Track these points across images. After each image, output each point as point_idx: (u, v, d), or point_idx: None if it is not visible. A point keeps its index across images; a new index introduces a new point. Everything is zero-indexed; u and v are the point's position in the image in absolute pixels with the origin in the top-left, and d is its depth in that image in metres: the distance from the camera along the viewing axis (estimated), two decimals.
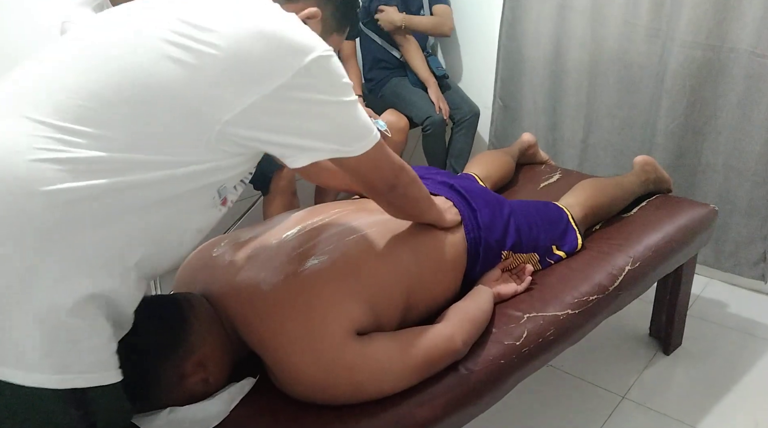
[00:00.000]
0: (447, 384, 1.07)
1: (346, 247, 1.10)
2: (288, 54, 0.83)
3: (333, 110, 0.88)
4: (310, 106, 0.85)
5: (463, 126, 2.52)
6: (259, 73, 0.81)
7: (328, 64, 0.87)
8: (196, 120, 0.81)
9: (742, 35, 1.89)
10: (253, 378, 1.04)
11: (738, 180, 2.00)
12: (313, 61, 0.84)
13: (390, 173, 1.02)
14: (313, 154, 0.89)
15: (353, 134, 0.92)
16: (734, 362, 1.79)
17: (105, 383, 0.80)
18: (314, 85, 0.85)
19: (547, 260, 1.43)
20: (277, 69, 0.82)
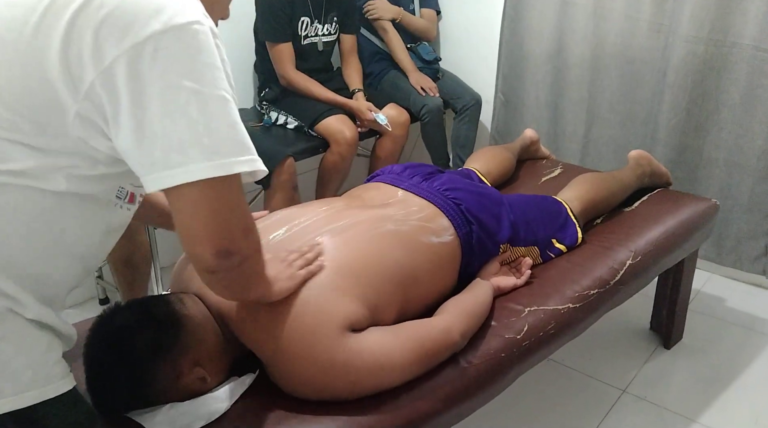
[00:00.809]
0: (447, 378, 1.07)
1: (339, 244, 1.09)
2: (138, 16, 0.68)
3: (193, 99, 0.68)
4: (164, 84, 0.67)
5: (466, 114, 2.52)
6: (106, 38, 0.67)
7: (195, 36, 0.69)
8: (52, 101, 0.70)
9: (744, 30, 1.88)
10: (254, 374, 1.05)
11: (740, 175, 1.99)
12: (172, 28, 0.68)
13: (236, 229, 0.74)
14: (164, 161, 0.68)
15: (216, 142, 0.69)
16: (735, 356, 1.79)
17: (51, 396, 0.77)
18: (172, 57, 0.67)
19: (548, 253, 1.43)
20: (124, 33, 0.67)
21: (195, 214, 0.71)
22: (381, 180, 1.41)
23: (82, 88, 0.69)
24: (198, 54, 0.69)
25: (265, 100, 2.35)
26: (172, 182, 0.69)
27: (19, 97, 0.71)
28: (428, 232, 1.23)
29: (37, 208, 0.75)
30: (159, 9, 0.68)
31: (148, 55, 0.67)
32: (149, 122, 0.68)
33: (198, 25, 0.70)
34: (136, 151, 0.70)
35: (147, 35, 0.67)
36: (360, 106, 2.24)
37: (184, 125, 0.68)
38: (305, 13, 2.22)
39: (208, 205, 0.70)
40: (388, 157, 2.34)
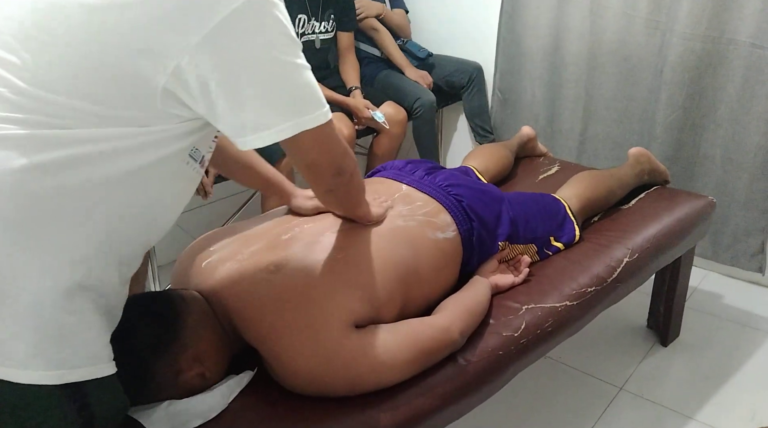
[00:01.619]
0: (446, 375, 1.07)
1: (343, 241, 1.10)
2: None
3: (279, 68, 0.77)
4: (250, 56, 0.75)
5: (473, 84, 2.55)
6: (185, 15, 0.72)
7: (272, 8, 0.76)
8: (137, 85, 0.75)
9: (741, 27, 1.88)
10: (252, 371, 1.05)
11: (736, 172, 2.00)
12: (254, 2, 0.74)
13: (339, 156, 0.92)
14: (263, 124, 0.78)
15: (300, 103, 0.81)
16: (732, 353, 1.79)
17: (99, 376, 0.80)
18: (254, 30, 0.74)
19: (546, 251, 1.43)
20: (209, 11, 0.72)
21: (308, 155, 0.88)
22: (384, 175, 1.41)
23: (170, 64, 0.73)
24: (275, 25, 0.77)
25: None
26: (282, 137, 0.80)
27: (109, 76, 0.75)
28: (433, 228, 1.23)
29: (126, 178, 0.79)
30: None
31: (232, 30, 0.73)
32: (240, 91, 0.76)
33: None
34: (228, 118, 0.78)
35: (230, 11, 0.72)
36: (357, 104, 2.24)
37: (278, 91, 0.78)
38: (302, 11, 2.22)
39: (315, 146, 0.87)
40: (385, 154, 2.33)
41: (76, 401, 0.79)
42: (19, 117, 0.74)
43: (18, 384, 0.75)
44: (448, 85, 2.58)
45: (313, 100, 0.83)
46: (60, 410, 0.78)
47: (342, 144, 0.92)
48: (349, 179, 0.97)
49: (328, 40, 2.34)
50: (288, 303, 0.99)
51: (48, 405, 0.77)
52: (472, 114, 2.60)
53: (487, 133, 2.61)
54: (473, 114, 2.60)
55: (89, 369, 0.79)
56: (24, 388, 0.75)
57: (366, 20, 2.46)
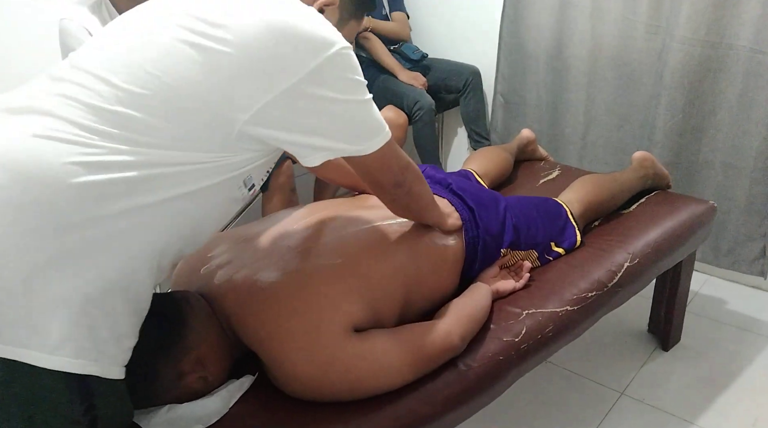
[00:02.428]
0: (446, 381, 1.07)
1: (344, 245, 1.10)
2: (302, 50, 0.81)
3: (347, 109, 0.88)
4: (325, 105, 0.85)
5: (469, 88, 2.56)
6: (273, 70, 0.81)
7: (344, 60, 0.86)
8: (217, 122, 0.81)
9: (740, 32, 1.89)
10: (252, 376, 1.04)
11: (737, 177, 2.00)
12: (329, 58, 0.83)
13: (397, 170, 1.02)
14: (325, 153, 0.89)
15: (365, 133, 0.92)
16: (733, 358, 1.79)
17: (112, 377, 0.81)
18: (330, 83, 0.84)
19: (546, 257, 1.43)
20: (291, 66, 0.81)
21: (379, 169, 1.00)
22: None
23: (253, 107, 0.81)
24: (348, 73, 0.87)
25: None
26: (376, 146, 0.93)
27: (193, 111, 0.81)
28: (436, 234, 1.23)
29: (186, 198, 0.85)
30: (321, 37, 0.83)
31: (314, 81, 0.82)
32: (315, 130, 0.87)
33: (346, 49, 0.86)
34: (303, 149, 0.89)
35: (316, 64, 0.82)
36: None
37: (343, 127, 0.89)
38: None
39: (384, 160, 0.98)
40: None
41: (85, 401, 0.79)
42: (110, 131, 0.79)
43: (38, 373, 0.75)
44: (445, 88, 2.58)
45: (376, 126, 0.93)
46: (69, 407, 0.78)
47: (402, 159, 1.03)
48: (409, 189, 1.07)
49: None
50: (287, 310, 0.99)
51: (59, 400, 0.78)
52: (468, 119, 2.60)
53: (482, 139, 2.61)
54: (469, 119, 2.60)
55: (106, 367, 0.80)
56: (41, 379, 0.76)
57: (360, 33, 2.48)
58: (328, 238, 1.11)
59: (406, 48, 2.58)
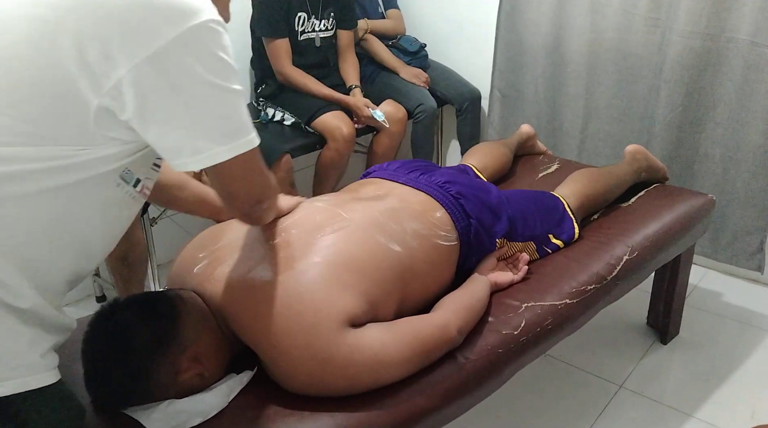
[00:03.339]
0: (445, 374, 1.07)
1: (339, 240, 1.09)
2: (160, 18, 0.73)
3: (213, 94, 0.77)
4: (186, 84, 0.75)
5: (467, 111, 2.55)
6: (126, 40, 0.72)
7: (212, 35, 0.77)
8: (71, 98, 0.73)
9: (740, 25, 1.88)
10: (252, 371, 1.05)
11: (736, 170, 2.00)
12: (192, 28, 0.74)
13: (260, 187, 0.92)
14: (198, 148, 0.78)
15: (232, 130, 0.81)
16: (731, 352, 1.80)
17: (34, 387, 0.77)
18: (193, 59, 0.75)
19: (545, 249, 1.43)
20: (147, 35, 0.73)
21: (233, 184, 0.87)
22: (378, 175, 1.40)
23: (107, 84, 0.73)
24: (217, 51, 0.77)
25: (262, 96, 2.34)
26: (209, 163, 0.81)
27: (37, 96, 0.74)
28: (429, 225, 1.23)
29: (50, 196, 0.78)
30: (186, 9, 0.74)
31: (174, 53, 0.74)
32: (177, 114, 0.76)
33: (216, 23, 0.77)
34: (165, 140, 0.79)
35: (176, 35, 0.73)
36: (357, 103, 2.24)
37: (210, 115, 0.78)
38: (302, 9, 2.21)
39: (242, 174, 0.86)
40: (385, 153, 2.33)
41: (8, 419, 0.75)
42: None
43: None
44: (443, 98, 2.57)
45: (246, 125, 0.83)
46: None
47: (265, 175, 0.92)
48: (267, 208, 0.99)
49: (328, 38, 2.34)
50: (282, 307, 0.98)
51: None
52: (463, 139, 2.60)
53: None
54: (463, 139, 2.60)
55: (22, 381, 0.76)
56: None
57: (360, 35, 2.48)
58: (316, 235, 1.10)
59: (404, 41, 2.57)
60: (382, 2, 2.62)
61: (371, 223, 1.15)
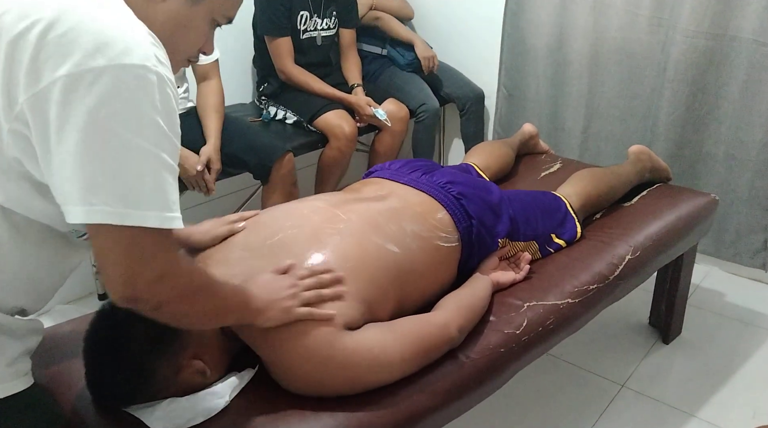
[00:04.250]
0: (446, 372, 1.07)
1: (335, 242, 1.09)
2: (93, 44, 0.66)
3: (111, 145, 0.66)
4: (91, 120, 0.65)
5: (471, 112, 2.54)
6: (45, 61, 0.66)
7: (139, 80, 0.67)
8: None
9: (744, 24, 1.88)
10: (253, 369, 1.05)
11: (739, 169, 1.99)
12: (115, 67, 0.66)
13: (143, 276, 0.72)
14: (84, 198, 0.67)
15: (146, 196, 0.68)
16: (733, 351, 1.79)
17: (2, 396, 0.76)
18: (107, 96, 0.66)
19: (547, 248, 1.43)
20: (73, 58, 0.66)
21: (104, 255, 0.71)
22: (379, 175, 1.40)
23: (15, 108, 0.68)
24: (134, 99, 0.67)
25: (264, 94, 2.34)
26: (82, 219, 0.68)
27: None
28: (428, 226, 1.22)
29: None
30: (108, 43, 0.67)
31: (83, 87, 0.66)
32: (68, 154, 0.66)
33: (143, 69, 0.67)
34: (54, 179, 0.69)
35: (88, 67, 0.66)
36: (359, 101, 2.23)
37: (98, 167, 0.67)
38: (304, 7, 2.21)
39: (115, 249, 0.70)
40: (387, 152, 2.33)
41: None
42: None
43: None
44: (447, 97, 2.56)
45: (158, 197, 0.69)
46: None
47: (158, 267, 0.72)
48: (155, 309, 0.77)
49: (330, 36, 2.33)
50: None
51: None
52: (467, 139, 2.59)
53: None
54: (467, 139, 2.58)
55: None
56: None
57: (366, 15, 2.45)
58: (312, 237, 1.09)
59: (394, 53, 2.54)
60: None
61: (368, 224, 1.15)
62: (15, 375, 0.79)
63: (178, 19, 0.78)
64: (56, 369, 1.07)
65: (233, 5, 0.83)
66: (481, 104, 2.57)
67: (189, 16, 0.78)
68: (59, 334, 1.15)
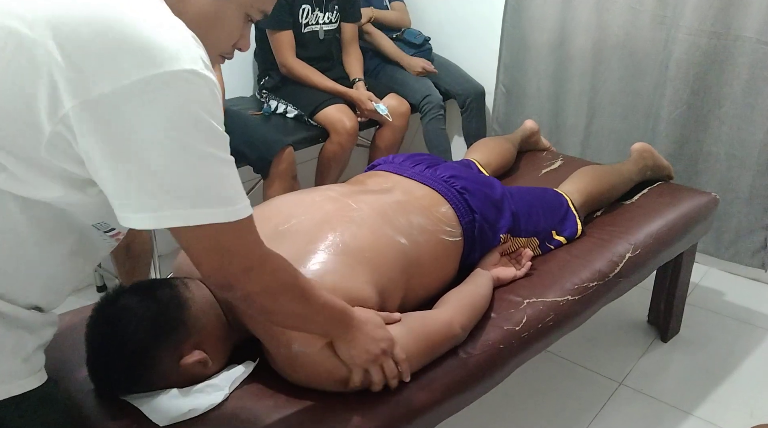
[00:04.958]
0: (446, 368, 1.07)
1: (342, 231, 1.09)
2: (133, 58, 0.66)
3: (174, 152, 0.67)
4: (142, 133, 0.66)
5: (472, 108, 2.54)
6: (94, 73, 0.66)
7: (190, 89, 0.67)
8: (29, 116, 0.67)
9: (747, 23, 1.87)
10: (254, 362, 1.04)
11: (740, 169, 1.99)
12: (161, 76, 0.65)
13: (231, 267, 0.76)
14: (146, 205, 0.68)
15: (210, 193, 0.70)
16: (731, 350, 1.80)
17: (15, 393, 0.75)
18: (155, 107, 0.66)
19: (547, 245, 1.43)
20: (113, 73, 0.66)
21: (192, 251, 0.74)
22: (383, 168, 1.40)
23: (61, 111, 0.67)
24: (188, 105, 0.68)
25: (265, 88, 2.33)
26: (151, 225, 0.70)
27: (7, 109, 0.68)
28: (433, 219, 1.22)
29: None
30: (156, 49, 0.66)
31: (137, 97, 0.65)
32: (129, 164, 0.67)
33: (193, 74, 0.68)
34: (109, 186, 0.70)
35: (139, 77, 0.65)
36: (360, 96, 2.23)
37: (161, 175, 0.68)
38: (306, 1, 2.20)
39: (199, 246, 0.73)
40: (388, 147, 2.33)
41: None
42: None
43: None
44: (447, 92, 2.56)
45: (220, 193, 0.71)
46: None
47: (244, 259, 0.76)
48: (245, 297, 0.80)
49: (332, 31, 2.33)
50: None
51: None
52: (469, 135, 2.58)
53: None
54: (469, 135, 2.58)
55: (3, 388, 0.74)
56: None
57: (363, 25, 2.47)
58: (325, 225, 1.10)
59: (408, 34, 2.57)
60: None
61: (379, 215, 1.15)
62: (31, 371, 0.78)
63: (212, 13, 0.77)
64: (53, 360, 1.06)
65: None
66: (482, 100, 2.57)
67: (222, 9, 0.78)
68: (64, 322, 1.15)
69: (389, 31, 2.56)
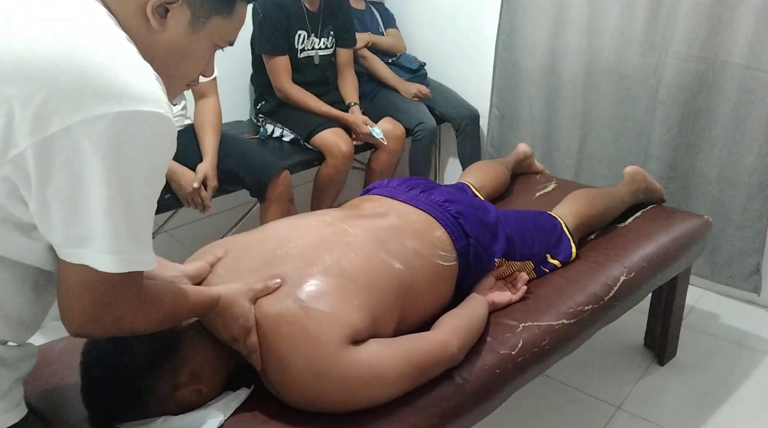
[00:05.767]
0: (442, 393, 1.06)
1: (344, 255, 1.09)
2: (106, 91, 0.66)
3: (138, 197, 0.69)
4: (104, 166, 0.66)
5: (466, 132, 2.57)
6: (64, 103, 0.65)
7: (149, 127, 0.68)
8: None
9: (734, 49, 1.91)
10: (249, 389, 1.04)
11: (732, 192, 2.01)
12: (133, 114, 0.66)
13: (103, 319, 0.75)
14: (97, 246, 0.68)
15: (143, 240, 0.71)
16: (728, 373, 1.79)
17: None
18: (118, 142, 0.66)
19: (542, 268, 1.44)
20: (85, 105, 0.65)
21: (71, 292, 0.73)
22: (378, 192, 1.41)
23: (12, 152, 0.66)
24: (146, 147, 0.69)
25: (261, 112, 2.35)
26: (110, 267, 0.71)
27: None
28: (429, 244, 1.23)
29: None
30: (121, 88, 0.67)
31: (96, 134, 0.66)
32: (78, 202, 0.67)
33: (157, 116, 0.69)
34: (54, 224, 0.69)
35: (101, 113, 0.66)
36: (356, 120, 2.25)
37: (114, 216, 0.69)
38: (302, 27, 2.24)
39: (85, 292, 0.73)
40: (383, 170, 2.34)
41: None
42: None
43: None
44: (442, 116, 2.59)
45: (149, 242, 0.74)
46: None
47: (115, 315, 0.75)
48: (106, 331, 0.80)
49: (327, 56, 2.36)
50: (290, 315, 0.98)
51: None
52: (464, 159, 2.62)
53: None
54: (464, 159, 2.61)
55: None
56: None
57: (359, 50, 2.50)
58: (321, 248, 1.10)
59: (404, 59, 2.61)
60: (382, 21, 2.65)
61: (375, 240, 1.16)
62: (7, 407, 0.77)
63: (180, 47, 0.79)
64: (48, 387, 1.05)
65: (234, 29, 0.83)
66: (476, 124, 2.60)
67: (190, 43, 0.79)
68: (51, 351, 1.14)
69: (385, 56, 2.60)
